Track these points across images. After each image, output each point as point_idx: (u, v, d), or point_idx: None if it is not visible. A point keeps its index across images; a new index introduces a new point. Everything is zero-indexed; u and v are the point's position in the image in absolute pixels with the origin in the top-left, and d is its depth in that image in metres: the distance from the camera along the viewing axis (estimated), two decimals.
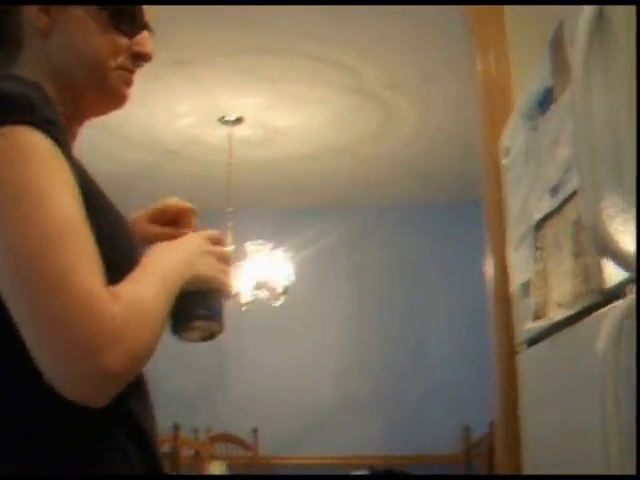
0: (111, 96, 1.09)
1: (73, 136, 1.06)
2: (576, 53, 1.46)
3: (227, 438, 4.70)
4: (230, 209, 4.07)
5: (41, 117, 0.86)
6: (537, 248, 1.89)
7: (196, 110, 3.96)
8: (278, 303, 4.05)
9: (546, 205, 1.81)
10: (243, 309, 4.01)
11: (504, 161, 2.28)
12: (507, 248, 2.25)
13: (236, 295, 3.97)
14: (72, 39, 1.04)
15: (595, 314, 1.50)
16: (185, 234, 1.10)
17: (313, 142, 4.37)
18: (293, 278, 4.05)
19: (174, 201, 1.20)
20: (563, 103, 1.69)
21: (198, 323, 1.04)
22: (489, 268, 2.64)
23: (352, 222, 5.32)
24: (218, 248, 1.08)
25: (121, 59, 1.08)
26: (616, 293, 1.39)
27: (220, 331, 1.07)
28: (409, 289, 5.26)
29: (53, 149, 0.86)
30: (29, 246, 0.81)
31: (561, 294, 1.72)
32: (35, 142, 0.85)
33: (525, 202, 2.03)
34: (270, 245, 3.91)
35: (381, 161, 4.65)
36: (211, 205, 4.72)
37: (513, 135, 2.17)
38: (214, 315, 1.06)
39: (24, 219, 0.81)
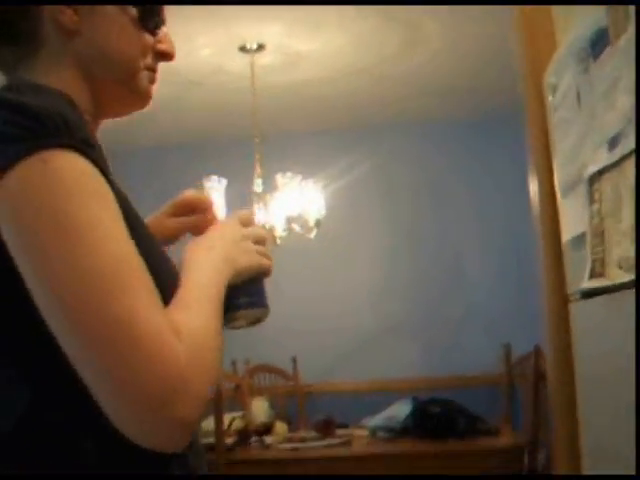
0: (138, 96, 1.04)
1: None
2: None
3: (267, 369, 4.73)
4: (257, 139, 3.95)
5: (80, 138, 0.80)
6: (593, 201, 1.78)
7: (216, 40, 3.82)
8: (311, 235, 3.97)
9: (604, 157, 1.69)
10: (277, 242, 3.95)
11: (550, 98, 2.15)
12: (555, 188, 2.14)
13: (270, 229, 3.91)
14: (102, 38, 0.98)
15: None
16: (210, 220, 1.07)
17: (335, 64, 4.21)
18: (324, 211, 3.96)
19: (191, 194, 1.15)
20: (621, 47, 1.56)
21: (242, 312, 1.01)
22: (533, 195, 2.51)
23: (380, 143, 5.18)
24: (252, 230, 1.05)
25: (148, 58, 1.03)
26: None
27: (265, 315, 1.05)
28: (441, 211, 5.16)
29: (96, 174, 0.80)
30: (83, 286, 0.75)
31: (621, 255, 1.62)
32: (78, 168, 0.79)
33: (576, 149, 1.91)
34: (300, 177, 3.81)
35: (405, 79, 4.48)
36: (236, 135, 4.66)
37: (560, 73, 2.03)
38: (257, 301, 1.03)
39: (74, 256, 0.76)
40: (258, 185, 3.90)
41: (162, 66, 1.09)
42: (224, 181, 3.76)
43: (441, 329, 5.00)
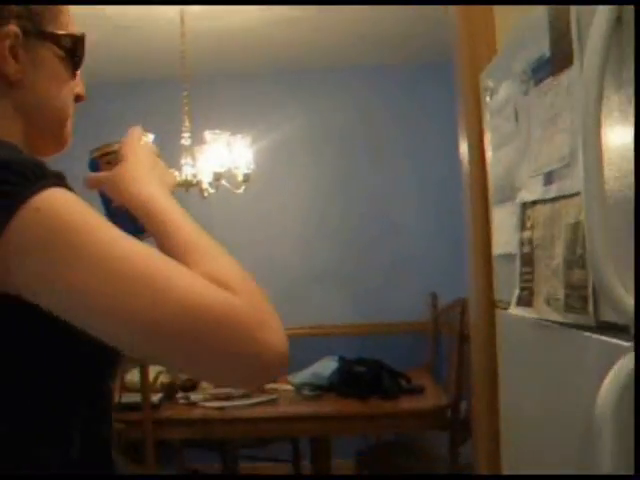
0: (60, 143, 1.09)
1: None
2: (591, 66, 1.28)
3: None
4: (185, 92, 3.83)
5: (52, 175, 0.86)
6: (524, 227, 1.78)
7: None
8: (240, 191, 3.91)
9: (538, 189, 1.69)
10: (205, 195, 3.88)
11: (487, 99, 2.12)
12: (490, 205, 2.13)
13: (197, 184, 3.83)
14: (44, 88, 1.02)
15: (587, 338, 1.43)
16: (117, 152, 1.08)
17: (269, 11, 4.05)
18: (253, 166, 3.89)
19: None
20: (564, 85, 1.53)
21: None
22: (463, 155, 2.51)
23: (314, 89, 5.06)
24: (150, 146, 1.12)
25: (73, 106, 1.09)
26: (612, 328, 1.34)
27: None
28: (375, 158, 5.11)
29: (76, 197, 0.86)
30: (136, 294, 0.78)
31: (551, 293, 1.63)
32: (64, 200, 0.83)
33: (511, 166, 1.90)
34: (228, 134, 3.71)
35: (339, 26, 4.34)
36: (165, 86, 4.51)
37: (498, 80, 2.00)
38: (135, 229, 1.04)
39: (113, 273, 0.79)
40: (186, 139, 3.80)
41: (90, 10, 1.07)
42: (151, 136, 3.63)
43: (371, 277, 5.03)
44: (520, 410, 1.99)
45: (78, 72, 1.10)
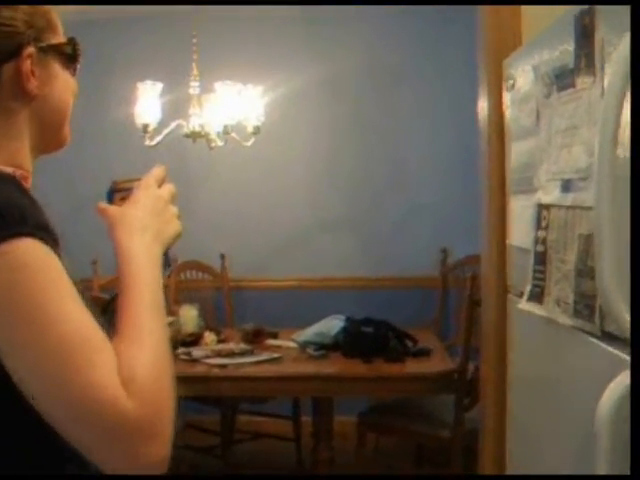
0: (62, 142, 1.23)
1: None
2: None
3: (195, 266, 4.92)
4: (194, 39, 3.95)
5: (34, 224, 0.96)
6: (540, 227, 1.98)
7: None
8: (248, 143, 4.07)
9: (556, 195, 1.87)
10: (212, 147, 4.04)
11: (508, 92, 2.29)
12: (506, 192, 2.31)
13: (205, 135, 3.98)
14: (55, 99, 1.17)
15: (592, 345, 1.64)
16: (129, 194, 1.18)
17: None
18: (263, 118, 4.04)
19: (163, 168, 1.26)
20: (584, 101, 1.71)
21: None
22: (482, 108, 2.67)
23: (323, 33, 5.13)
24: (168, 190, 1.21)
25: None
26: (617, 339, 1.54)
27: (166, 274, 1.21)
28: (388, 105, 5.23)
29: (51, 256, 0.96)
30: (49, 364, 0.91)
31: (560, 295, 1.83)
32: (35, 254, 0.95)
33: (530, 162, 2.09)
34: (239, 85, 3.85)
35: None
36: (174, 33, 4.60)
37: (519, 72, 2.18)
38: (164, 263, 1.16)
39: (40, 337, 0.91)
40: (194, 88, 3.94)
41: None
42: (159, 85, 3.79)
43: (380, 229, 5.21)
44: (527, 386, 2.22)
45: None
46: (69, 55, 1.20)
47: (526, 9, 2.28)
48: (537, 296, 1.98)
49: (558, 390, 1.92)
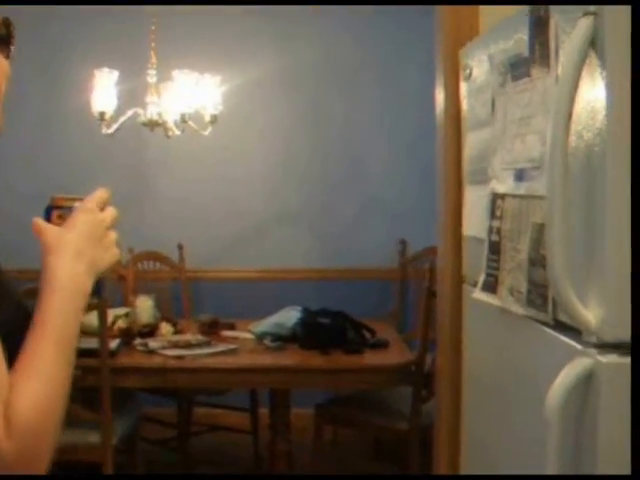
0: None
1: None
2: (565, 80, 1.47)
3: (152, 256, 4.89)
4: (153, 26, 3.93)
5: None
6: (494, 216, 1.99)
7: None
8: (206, 133, 4.05)
9: (509, 184, 1.89)
10: (169, 135, 4.02)
11: (465, 82, 2.30)
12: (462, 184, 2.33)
13: (163, 124, 3.96)
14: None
15: (545, 334, 1.66)
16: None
17: None
18: (221, 107, 4.03)
19: (106, 191, 1.25)
20: (539, 90, 1.72)
21: None
22: (439, 99, 2.69)
23: (283, 25, 5.13)
24: (110, 214, 1.19)
25: None
26: (569, 329, 1.56)
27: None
28: (347, 98, 5.22)
29: None
30: None
31: (514, 284, 1.85)
32: None
33: (485, 151, 2.10)
34: (196, 74, 3.83)
35: None
36: (130, 20, 4.58)
37: (476, 61, 2.19)
38: (96, 292, 1.17)
39: None
40: (152, 76, 3.92)
41: None
42: (115, 73, 3.77)
43: (338, 220, 5.22)
44: (482, 377, 2.24)
45: None
46: (2, 37, 1.16)
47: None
48: (491, 286, 2.00)
49: (512, 380, 1.94)
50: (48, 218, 1.18)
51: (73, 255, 1.10)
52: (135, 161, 5.15)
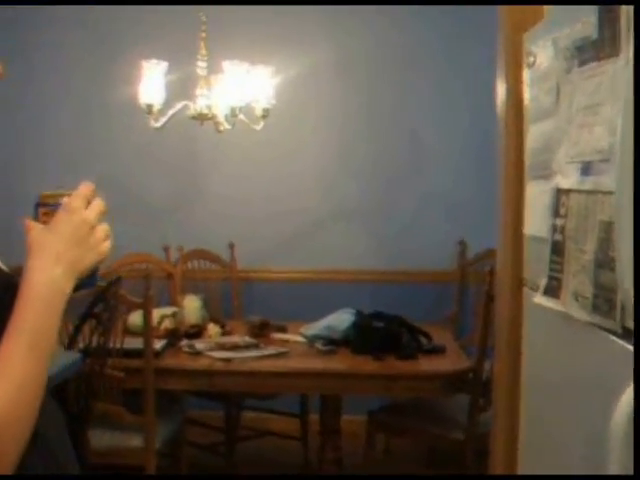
0: None
1: None
2: None
3: (202, 255, 4.83)
4: (203, 17, 3.87)
5: None
6: (558, 214, 1.87)
7: None
8: (258, 127, 3.98)
9: (575, 178, 1.77)
10: (220, 130, 3.96)
11: (528, 69, 2.18)
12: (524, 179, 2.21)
13: (213, 117, 3.90)
14: None
15: (612, 343, 1.54)
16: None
17: None
18: (274, 101, 3.95)
19: (90, 185, 1.20)
20: (609, 75, 1.60)
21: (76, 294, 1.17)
22: (500, 89, 2.57)
23: (338, 12, 5.01)
24: (97, 208, 1.16)
25: None
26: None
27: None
28: (403, 92, 5.10)
29: None
30: None
31: (579, 288, 1.73)
32: None
33: (549, 143, 1.99)
34: (247, 64, 3.75)
35: None
36: (180, 11, 4.55)
37: (540, 47, 2.07)
38: (88, 284, 1.17)
39: None
40: (202, 68, 3.86)
41: None
42: (164, 64, 3.72)
43: (394, 218, 5.11)
44: (541, 386, 2.12)
45: None
46: None
47: None
48: (553, 290, 1.88)
49: (575, 390, 1.81)
50: (35, 216, 1.17)
51: (51, 258, 1.10)
52: (184, 156, 5.10)
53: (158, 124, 3.85)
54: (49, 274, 1.09)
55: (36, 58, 5.04)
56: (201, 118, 3.91)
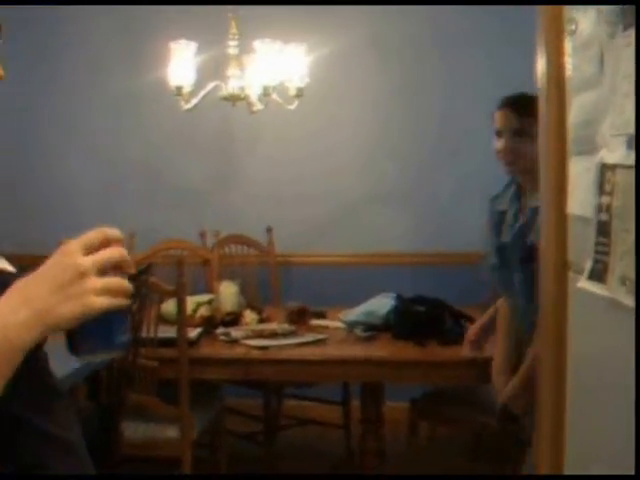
0: None
1: None
2: None
3: (239, 240, 4.76)
4: None
5: None
6: (603, 192, 1.75)
7: None
8: (292, 107, 3.89)
9: (621, 153, 1.65)
10: (253, 110, 3.88)
11: (570, 37, 2.05)
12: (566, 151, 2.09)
13: (245, 98, 3.82)
14: None
15: None
16: None
17: None
18: (307, 79, 3.86)
19: (103, 231, 1.04)
20: None
21: (84, 357, 1.06)
22: (540, 60, 2.43)
23: None
24: (100, 258, 1.00)
25: None
26: None
27: (114, 355, 1.11)
28: (444, 71, 4.98)
29: None
30: None
31: (625, 272, 1.61)
32: None
33: (594, 118, 1.85)
34: (280, 43, 3.66)
35: None
36: None
37: (581, 13, 1.95)
38: (98, 346, 1.04)
39: None
40: (233, 47, 3.77)
41: None
42: (193, 44, 3.65)
43: (435, 199, 5.01)
44: (587, 374, 2.01)
45: None
46: None
47: None
48: (599, 273, 1.75)
49: (622, 379, 1.69)
50: None
51: (19, 302, 0.97)
52: (217, 138, 5.04)
53: (189, 106, 3.78)
54: (8, 318, 0.96)
55: (60, 55, 5.01)
56: (233, 99, 3.83)
